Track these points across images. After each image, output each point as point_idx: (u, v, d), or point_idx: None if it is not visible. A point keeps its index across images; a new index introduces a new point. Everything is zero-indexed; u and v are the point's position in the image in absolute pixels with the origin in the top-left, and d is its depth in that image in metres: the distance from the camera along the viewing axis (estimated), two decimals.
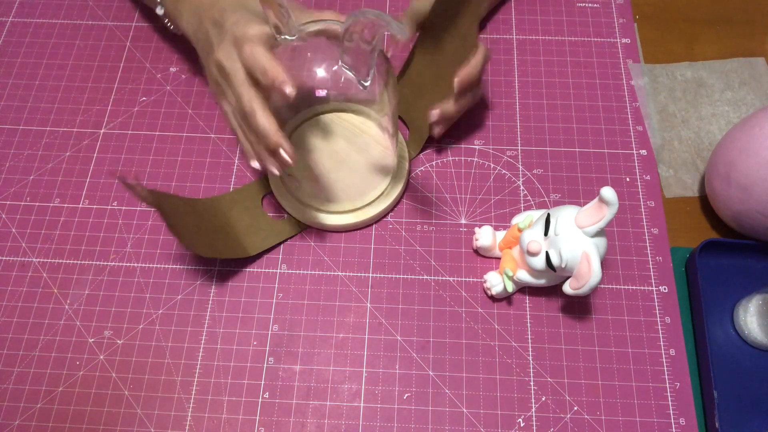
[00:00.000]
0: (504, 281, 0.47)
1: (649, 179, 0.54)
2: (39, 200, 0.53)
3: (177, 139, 0.56)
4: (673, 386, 0.46)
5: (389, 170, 0.52)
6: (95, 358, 0.48)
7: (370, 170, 0.52)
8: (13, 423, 0.46)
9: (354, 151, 0.53)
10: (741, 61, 0.60)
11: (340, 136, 0.53)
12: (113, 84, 0.59)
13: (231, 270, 0.50)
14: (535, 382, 0.46)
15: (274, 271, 0.50)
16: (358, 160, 0.52)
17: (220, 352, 0.48)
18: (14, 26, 0.62)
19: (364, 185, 0.51)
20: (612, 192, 0.39)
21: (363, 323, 0.49)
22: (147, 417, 0.46)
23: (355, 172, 0.52)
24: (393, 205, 0.52)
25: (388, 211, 0.52)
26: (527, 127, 0.56)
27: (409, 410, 0.46)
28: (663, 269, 0.50)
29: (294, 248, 0.51)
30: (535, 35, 0.61)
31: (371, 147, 0.53)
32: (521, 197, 0.53)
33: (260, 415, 0.46)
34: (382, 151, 0.52)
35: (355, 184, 0.51)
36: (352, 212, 0.51)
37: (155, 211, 0.45)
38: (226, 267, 0.50)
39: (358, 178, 0.52)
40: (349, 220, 0.51)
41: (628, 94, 0.58)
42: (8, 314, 0.49)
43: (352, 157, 0.52)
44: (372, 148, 0.53)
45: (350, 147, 0.53)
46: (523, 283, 0.46)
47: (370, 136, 0.53)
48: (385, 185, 0.51)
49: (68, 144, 0.56)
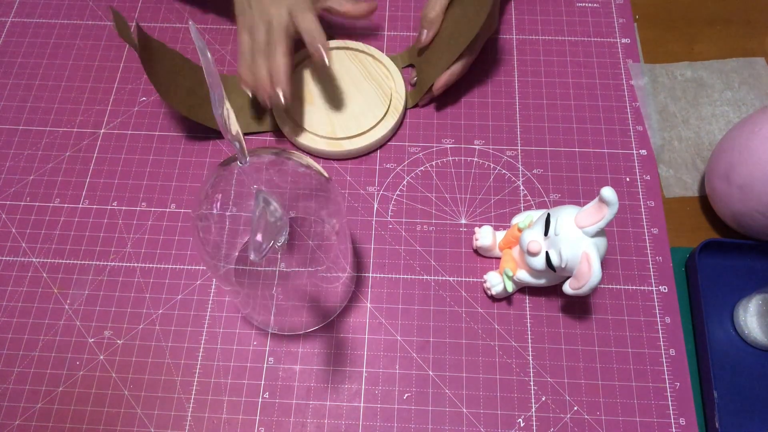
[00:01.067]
0: (504, 281, 0.47)
1: (649, 179, 0.54)
2: (39, 200, 0.53)
3: (177, 139, 0.56)
4: (673, 386, 0.46)
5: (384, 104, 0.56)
6: (95, 358, 0.48)
7: (367, 101, 0.56)
8: (13, 423, 0.46)
9: (352, 83, 0.57)
10: (741, 61, 0.60)
11: (344, 68, 0.58)
12: (113, 84, 0.59)
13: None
14: (535, 382, 0.46)
15: (274, 270, 0.50)
16: (357, 91, 0.56)
17: (220, 352, 0.48)
18: (14, 26, 0.62)
19: (361, 114, 0.55)
20: (612, 192, 0.39)
21: (363, 323, 0.49)
22: (147, 417, 0.46)
23: (352, 102, 0.56)
24: (385, 139, 0.55)
25: (381, 143, 0.55)
26: (527, 127, 0.56)
27: (409, 410, 0.46)
28: (663, 269, 0.50)
29: None
30: (535, 35, 0.61)
31: (369, 79, 0.57)
32: (521, 197, 0.53)
33: (260, 415, 0.46)
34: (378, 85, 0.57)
35: (353, 112, 0.55)
36: (346, 139, 0.54)
37: (137, 52, 0.48)
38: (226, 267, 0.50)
39: (357, 108, 0.55)
40: (343, 146, 0.54)
41: (628, 94, 0.58)
42: (8, 314, 0.49)
43: (351, 88, 0.56)
44: (369, 81, 0.57)
45: (350, 79, 0.57)
46: (523, 283, 0.46)
47: (367, 70, 0.57)
48: (380, 116, 0.55)
49: (68, 144, 0.56)
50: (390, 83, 0.57)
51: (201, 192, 0.38)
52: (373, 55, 0.58)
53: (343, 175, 0.54)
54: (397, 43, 0.61)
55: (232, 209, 0.40)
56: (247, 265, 0.43)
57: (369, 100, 0.56)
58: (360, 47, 0.58)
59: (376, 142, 0.55)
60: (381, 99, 0.56)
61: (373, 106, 0.55)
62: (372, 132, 0.54)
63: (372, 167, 0.55)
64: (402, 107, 0.55)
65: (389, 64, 0.58)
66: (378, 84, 0.57)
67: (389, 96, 0.56)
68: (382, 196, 0.53)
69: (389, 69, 0.57)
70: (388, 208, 0.53)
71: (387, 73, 0.57)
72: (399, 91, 0.56)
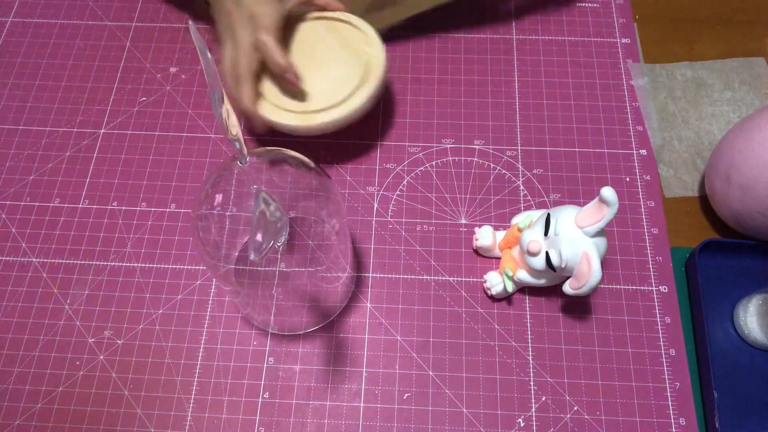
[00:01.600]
0: (504, 281, 0.47)
1: (649, 179, 0.54)
2: (39, 200, 0.53)
3: (177, 139, 0.56)
4: (673, 386, 0.46)
5: (361, 69, 0.52)
6: (95, 358, 0.48)
7: (344, 72, 0.52)
8: (13, 423, 0.46)
9: (328, 53, 0.53)
10: (741, 61, 0.60)
11: (319, 39, 0.54)
12: (113, 84, 0.59)
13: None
14: (535, 382, 0.46)
15: (274, 270, 0.50)
16: (333, 62, 0.53)
17: (220, 352, 0.48)
18: (14, 26, 0.62)
19: (337, 86, 0.51)
20: (612, 192, 0.39)
21: (363, 323, 0.49)
22: (147, 417, 0.46)
23: (327, 73, 0.52)
24: (363, 109, 0.51)
25: (359, 114, 0.51)
26: (527, 127, 0.56)
27: (409, 410, 0.46)
28: (663, 269, 0.50)
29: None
30: (535, 35, 0.61)
31: (346, 49, 0.53)
32: (521, 197, 0.53)
33: (260, 415, 0.46)
34: (356, 53, 0.53)
35: (328, 85, 0.52)
36: (321, 111, 0.50)
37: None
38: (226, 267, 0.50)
39: (332, 79, 0.52)
40: (316, 120, 0.50)
41: (628, 94, 0.58)
42: (8, 314, 0.49)
43: (326, 59, 0.53)
44: (347, 50, 0.53)
45: (326, 49, 0.54)
46: (523, 283, 0.46)
47: (345, 39, 0.54)
48: (356, 84, 0.51)
49: (68, 144, 0.56)
50: (368, 49, 0.53)
51: (201, 192, 0.38)
52: (350, 22, 0.54)
53: (343, 175, 0.54)
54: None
55: (232, 209, 0.40)
56: (247, 265, 0.43)
57: (346, 70, 0.52)
58: (337, 16, 0.55)
59: (353, 112, 0.50)
60: (358, 67, 0.52)
61: (350, 75, 0.52)
62: (348, 102, 0.50)
63: (372, 167, 0.55)
64: (381, 74, 0.51)
65: (368, 30, 0.54)
66: (356, 53, 0.53)
67: (367, 62, 0.52)
68: (382, 196, 0.53)
69: (368, 35, 0.53)
70: (388, 208, 0.53)
71: (366, 40, 0.53)
72: (377, 57, 0.52)
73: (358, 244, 0.51)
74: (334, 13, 0.55)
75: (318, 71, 0.52)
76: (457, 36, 0.61)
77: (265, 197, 0.32)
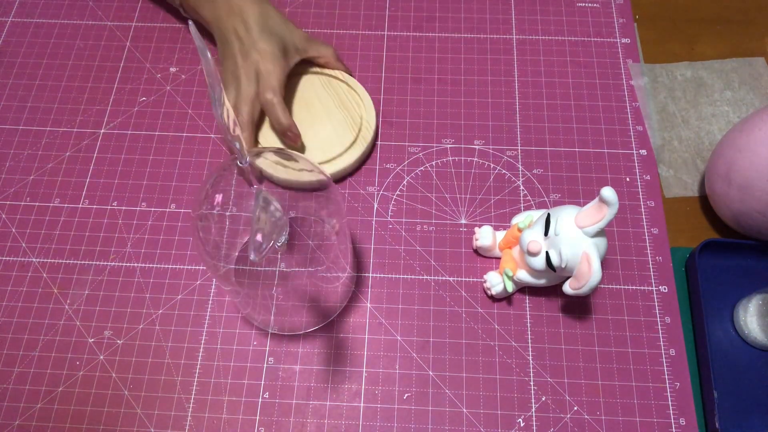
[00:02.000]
0: (504, 281, 0.47)
1: (649, 179, 0.54)
2: (39, 200, 0.53)
3: (177, 139, 0.56)
4: (673, 386, 0.46)
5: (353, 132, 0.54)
6: (95, 358, 0.48)
7: (336, 129, 0.54)
8: (13, 423, 0.46)
9: (323, 110, 0.55)
10: (741, 61, 0.60)
11: (315, 94, 0.56)
12: (113, 84, 0.59)
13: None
14: (535, 382, 0.46)
15: (274, 270, 0.50)
16: (327, 119, 0.55)
17: (220, 352, 0.48)
18: (14, 26, 0.62)
19: (328, 143, 0.53)
20: (612, 192, 0.39)
21: (363, 323, 0.49)
22: (147, 417, 0.46)
23: (321, 129, 0.54)
24: (351, 168, 0.54)
25: (346, 173, 0.54)
26: (527, 127, 0.56)
27: (409, 410, 0.46)
28: (663, 269, 0.50)
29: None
30: (535, 35, 0.61)
31: (340, 108, 0.55)
32: (521, 197, 0.53)
33: (260, 415, 0.46)
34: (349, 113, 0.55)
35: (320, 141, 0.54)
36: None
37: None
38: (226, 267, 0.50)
39: (324, 136, 0.54)
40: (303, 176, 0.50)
41: (628, 94, 0.58)
42: (8, 314, 0.49)
43: (321, 116, 0.55)
44: (341, 109, 0.55)
45: (321, 106, 0.55)
46: (523, 283, 0.46)
47: (339, 97, 0.56)
48: (348, 144, 0.53)
49: (68, 144, 0.56)
50: (361, 112, 0.55)
51: (201, 192, 0.38)
52: (347, 83, 0.56)
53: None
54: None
55: (232, 209, 0.40)
56: (247, 265, 0.43)
57: (338, 128, 0.54)
58: (334, 74, 0.57)
59: (342, 170, 0.53)
60: (350, 127, 0.54)
61: (341, 134, 0.54)
62: (337, 160, 0.53)
63: (372, 167, 0.55)
64: (371, 137, 0.54)
65: (362, 92, 0.56)
66: (349, 113, 0.55)
67: (359, 125, 0.54)
68: (382, 196, 0.53)
69: (362, 98, 0.55)
70: (388, 208, 0.53)
71: (359, 102, 0.55)
72: (369, 120, 0.54)
73: (358, 244, 0.51)
74: (332, 71, 0.57)
75: (311, 127, 0.54)
76: (457, 36, 0.61)
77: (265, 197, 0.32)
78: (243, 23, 0.51)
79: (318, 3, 0.63)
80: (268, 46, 0.50)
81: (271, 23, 0.52)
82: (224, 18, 0.52)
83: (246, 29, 0.51)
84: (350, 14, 0.63)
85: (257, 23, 0.51)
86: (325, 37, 0.61)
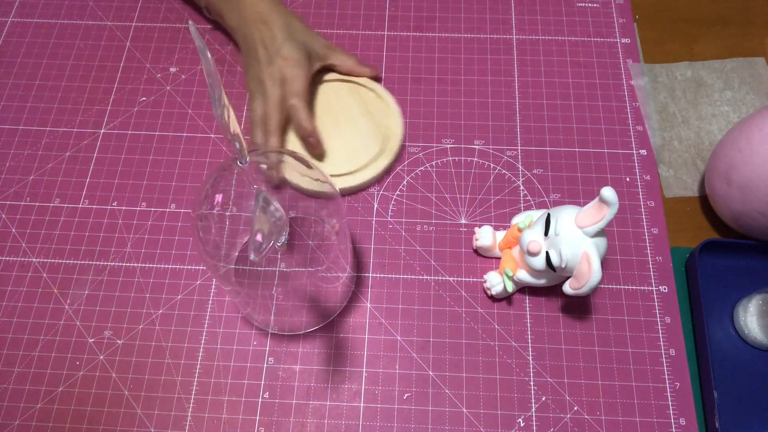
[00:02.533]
0: (504, 281, 0.47)
1: (649, 179, 0.54)
2: (39, 200, 0.53)
3: (177, 139, 0.56)
4: (673, 386, 0.46)
5: (378, 142, 0.54)
6: (95, 358, 0.48)
7: (362, 139, 0.54)
8: (13, 423, 0.46)
9: (349, 119, 0.55)
10: (741, 61, 0.60)
11: (341, 102, 0.56)
12: (113, 84, 0.59)
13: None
14: (535, 382, 0.46)
15: (274, 270, 0.50)
16: (353, 128, 0.54)
17: (220, 352, 0.48)
18: (14, 26, 0.62)
19: (354, 153, 0.53)
20: (612, 192, 0.39)
21: (363, 323, 0.49)
22: (147, 417, 0.46)
23: (347, 139, 0.54)
24: (376, 179, 0.53)
25: (371, 183, 0.53)
26: (527, 127, 0.56)
27: (409, 410, 0.46)
28: (663, 269, 0.50)
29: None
30: (535, 35, 0.61)
31: (366, 115, 0.55)
32: (521, 197, 0.53)
33: (260, 415, 0.46)
34: (375, 122, 0.54)
35: (346, 150, 0.53)
36: (336, 177, 0.52)
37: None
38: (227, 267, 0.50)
39: (350, 146, 0.53)
40: (345, 183, 0.52)
41: (628, 94, 0.58)
42: (8, 314, 0.49)
43: (347, 124, 0.54)
44: (367, 117, 0.55)
45: (347, 114, 0.55)
46: (523, 283, 0.46)
47: (366, 105, 0.55)
48: (373, 155, 0.53)
49: (68, 144, 0.56)
50: (387, 121, 0.54)
51: (201, 192, 0.38)
52: (374, 90, 0.56)
53: None
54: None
55: (232, 209, 0.40)
56: (247, 265, 0.43)
57: (364, 137, 0.54)
58: (361, 81, 0.56)
59: (367, 182, 0.52)
60: (376, 137, 0.54)
61: (367, 144, 0.53)
62: (363, 172, 0.52)
63: None
64: (397, 147, 0.53)
65: (390, 100, 0.55)
66: (375, 121, 0.54)
67: (385, 134, 0.54)
68: (382, 196, 0.53)
69: (389, 106, 0.55)
70: (388, 208, 0.53)
71: (386, 110, 0.55)
72: (395, 129, 0.54)
73: (358, 244, 0.51)
74: (358, 78, 0.56)
75: (337, 135, 0.54)
76: (457, 36, 0.61)
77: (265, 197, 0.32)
78: (268, 31, 0.52)
79: (318, 3, 0.63)
80: (292, 52, 0.51)
81: (295, 31, 0.53)
82: (249, 25, 0.53)
83: (271, 36, 0.52)
84: (350, 14, 0.63)
85: (282, 31, 0.52)
86: (325, 37, 0.61)
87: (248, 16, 0.53)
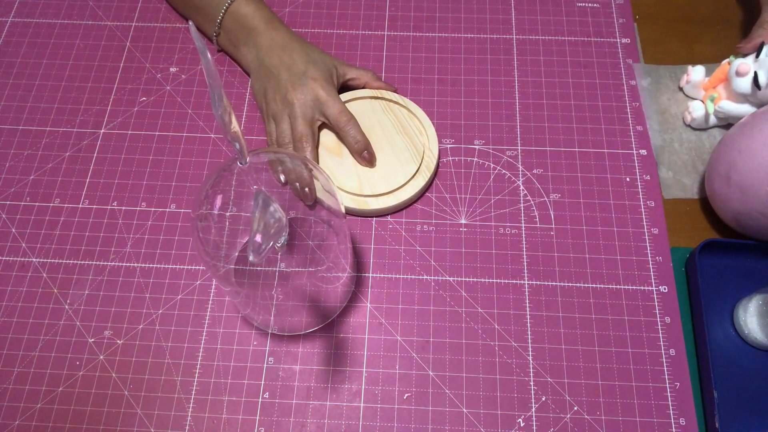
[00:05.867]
0: (707, 106, 0.51)
1: (649, 179, 0.54)
2: (39, 200, 0.53)
3: (177, 139, 0.56)
4: (673, 386, 0.46)
5: (415, 161, 0.52)
6: (95, 358, 0.48)
7: (398, 158, 0.53)
8: (13, 423, 0.46)
9: (384, 137, 0.54)
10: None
11: (376, 120, 0.55)
12: (113, 84, 0.59)
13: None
14: (535, 382, 0.46)
15: (274, 270, 0.50)
16: (388, 146, 0.53)
17: (220, 352, 0.48)
18: (14, 26, 0.62)
19: (391, 172, 0.52)
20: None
21: (363, 323, 0.49)
22: (147, 417, 0.46)
23: (383, 157, 0.53)
24: (413, 199, 0.52)
25: (409, 203, 0.53)
26: (527, 127, 0.56)
27: (409, 410, 0.46)
28: (663, 269, 0.50)
29: None
30: (535, 35, 0.61)
31: (402, 134, 0.54)
32: (521, 197, 0.53)
33: (260, 415, 0.46)
34: (411, 140, 0.54)
35: (383, 169, 0.53)
36: (373, 197, 0.51)
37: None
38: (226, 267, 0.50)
39: (387, 164, 0.53)
40: (369, 205, 0.51)
41: (628, 94, 0.58)
42: (8, 314, 0.49)
43: (382, 143, 0.54)
44: (402, 135, 0.54)
45: (382, 132, 0.54)
46: (723, 112, 0.50)
47: (401, 123, 0.55)
48: (411, 174, 0.52)
49: (68, 144, 0.56)
50: (423, 139, 0.53)
51: (201, 192, 0.38)
52: (408, 108, 0.55)
53: None
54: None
55: (232, 209, 0.40)
56: (247, 266, 0.43)
57: (400, 156, 0.53)
58: (394, 98, 0.55)
59: (404, 202, 0.52)
60: (413, 156, 0.52)
61: (404, 163, 0.52)
62: (400, 191, 0.51)
63: None
64: (434, 166, 0.52)
65: (423, 118, 0.54)
66: (411, 139, 0.53)
67: (421, 153, 0.52)
68: None
69: (423, 124, 0.54)
70: None
71: (421, 129, 0.54)
72: (432, 148, 0.53)
73: (358, 244, 0.51)
74: (391, 94, 0.56)
75: (375, 155, 0.53)
76: (457, 36, 0.61)
77: (265, 197, 0.32)
78: (288, 57, 0.53)
79: (318, 3, 0.63)
80: (319, 73, 0.53)
81: (312, 53, 0.54)
82: (268, 52, 0.54)
83: (292, 61, 0.53)
84: (350, 14, 0.63)
85: (301, 56, 0.53)
86: (325, 37, 0.61)
87: (264, 45, 0.54)
